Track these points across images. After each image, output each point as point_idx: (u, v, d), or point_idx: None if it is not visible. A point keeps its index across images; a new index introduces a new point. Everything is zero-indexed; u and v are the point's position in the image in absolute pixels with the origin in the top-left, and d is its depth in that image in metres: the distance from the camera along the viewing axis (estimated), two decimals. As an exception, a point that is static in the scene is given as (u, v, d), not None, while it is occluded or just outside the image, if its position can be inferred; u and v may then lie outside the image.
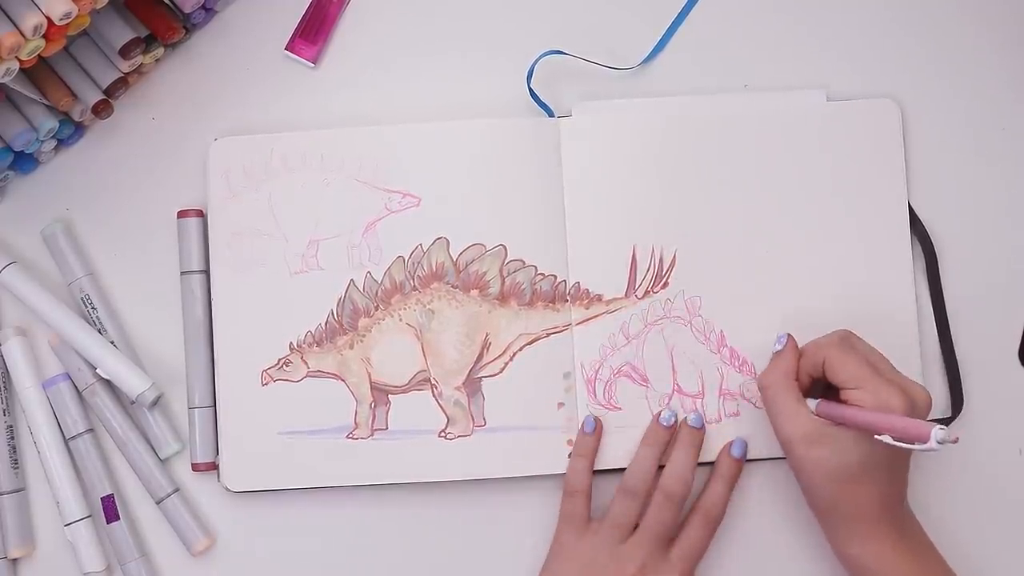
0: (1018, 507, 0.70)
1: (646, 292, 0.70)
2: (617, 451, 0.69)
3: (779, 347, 0.67)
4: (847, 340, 0.64)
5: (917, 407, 0.61)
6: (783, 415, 0.64)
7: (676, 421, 0.68)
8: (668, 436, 0.68)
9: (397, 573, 0.70)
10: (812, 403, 0.64)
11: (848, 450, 0.62)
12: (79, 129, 0.72)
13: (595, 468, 0.69)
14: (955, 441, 0.55)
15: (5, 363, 0.71)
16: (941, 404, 0.71)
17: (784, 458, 0.66)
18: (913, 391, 0.62)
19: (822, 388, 0.66)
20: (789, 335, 0.67)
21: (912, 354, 0.69)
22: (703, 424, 0.69)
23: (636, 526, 0.67)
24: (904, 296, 0.70)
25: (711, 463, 0.69)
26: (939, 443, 0.55)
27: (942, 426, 0.55)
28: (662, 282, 0.70)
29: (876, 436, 0.58)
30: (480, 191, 0.70)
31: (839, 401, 0.63)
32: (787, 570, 0.70)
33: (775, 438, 0.66)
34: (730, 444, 0.69)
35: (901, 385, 0.62)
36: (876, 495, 0.63)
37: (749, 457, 0.69)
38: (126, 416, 0.71)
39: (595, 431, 0.69)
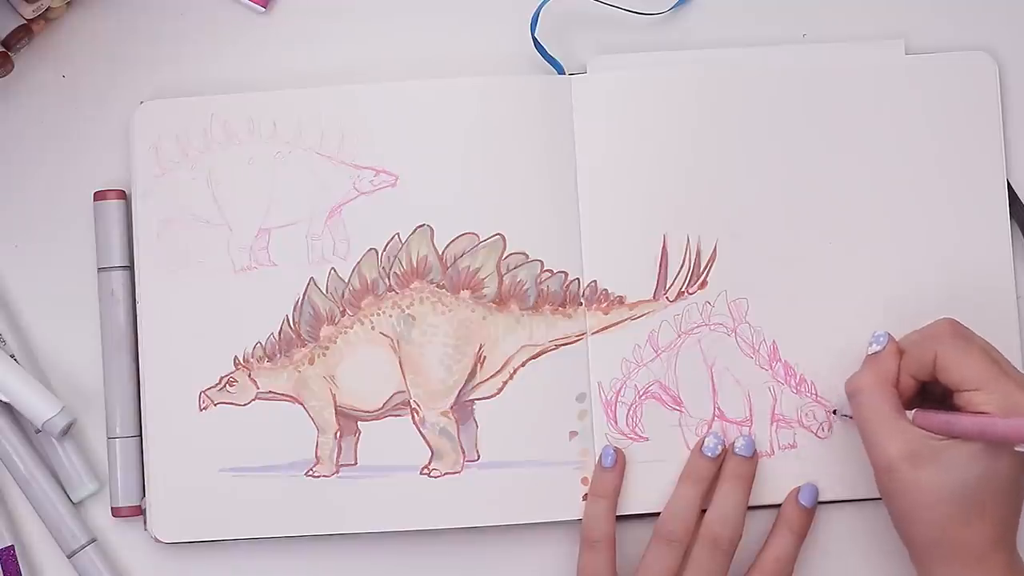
0: None
1: (679, 293, 0.68)
2: (645, 492, 0.67)
3: (876, 348, 0.65)
4: (959, 331, 0.62)
5: None
6: (881, 428, 0.61)
7: (723, 450, 0.66)
8: (714, 469, 0.66)
9: (369, 644, 0.70)
10: (908, 415, 0.63)
11: (964, 467, 0.60)
12: (-30, 90, 0.70)
13: (617, 513, 0.66)
14: None
15: None
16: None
17: (855, 500, 0.66)
18: None
19: (916, 398, 0.64)
20: (889, 335, 0.65)
21: (1014, 357, 0.67)
22: (755, 451, 0.66)
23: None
24: (1003, 291, 0.68)
25: (763, 506, 0.67)
26: None
27: None
28: (699, 280, 0.68)
29: (1017, 448, 0.57)
30: (472, 167, 0.68)
31: (939, 409, 0.61)
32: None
33: (845, 476, 0.66)
34: (797, 491, 0.67)
35: None
36: (988, 529, 0.60)
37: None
38: (30, 449, 0.69)
39: (615, 465, 0.66)
